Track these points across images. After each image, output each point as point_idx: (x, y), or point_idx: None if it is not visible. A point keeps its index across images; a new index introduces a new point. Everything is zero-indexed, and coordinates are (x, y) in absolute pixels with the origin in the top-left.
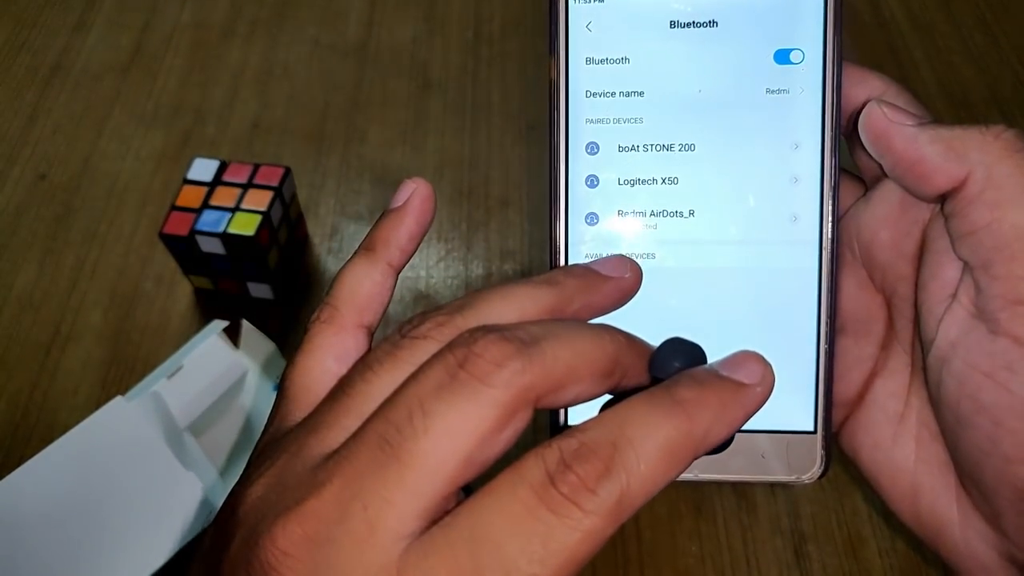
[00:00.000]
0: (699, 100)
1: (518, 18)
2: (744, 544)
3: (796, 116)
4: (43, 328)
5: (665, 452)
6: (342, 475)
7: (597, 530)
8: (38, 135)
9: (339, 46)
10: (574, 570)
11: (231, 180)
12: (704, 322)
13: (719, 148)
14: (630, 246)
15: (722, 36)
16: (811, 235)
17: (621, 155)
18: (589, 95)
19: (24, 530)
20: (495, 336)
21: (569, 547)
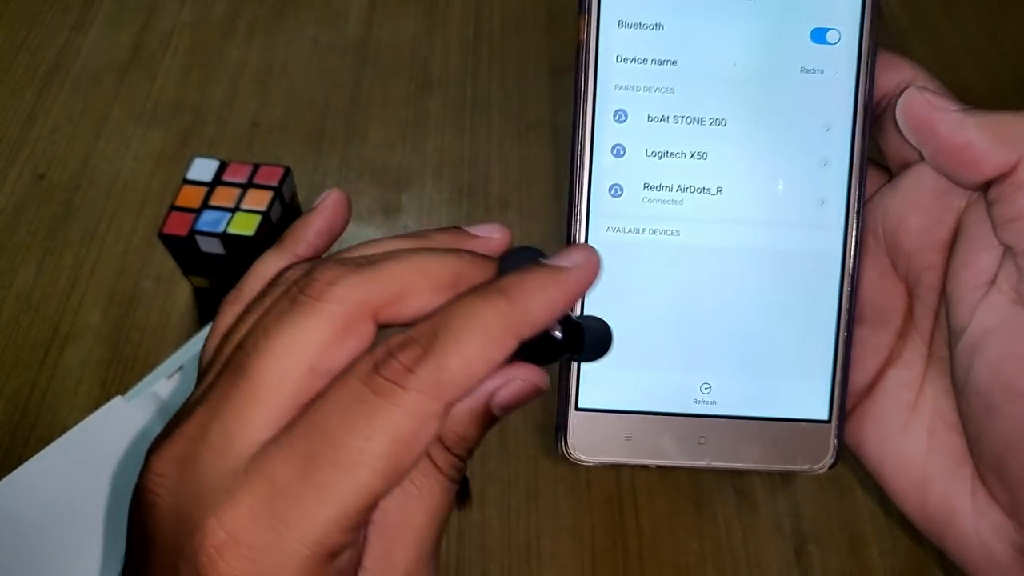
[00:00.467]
0: (733, 74)
1: (518, 17)
2: (745, 543)
3: (829, 97)
4: (42, 328)
5: (484, 332)
6: (205, 401)
7: (419, 405)
8: (37, 135)
9: (339, 45)
10: (406, 449)
11: (231, 180)
12: (723, 302)
13: (750, 125)
14: (653, 221)
15: (760, 10)
16: (837, 220)
17: (650, 125)
18: (620, 60)
19: (24, 530)
20: (331, 262)
21: (394, 423)
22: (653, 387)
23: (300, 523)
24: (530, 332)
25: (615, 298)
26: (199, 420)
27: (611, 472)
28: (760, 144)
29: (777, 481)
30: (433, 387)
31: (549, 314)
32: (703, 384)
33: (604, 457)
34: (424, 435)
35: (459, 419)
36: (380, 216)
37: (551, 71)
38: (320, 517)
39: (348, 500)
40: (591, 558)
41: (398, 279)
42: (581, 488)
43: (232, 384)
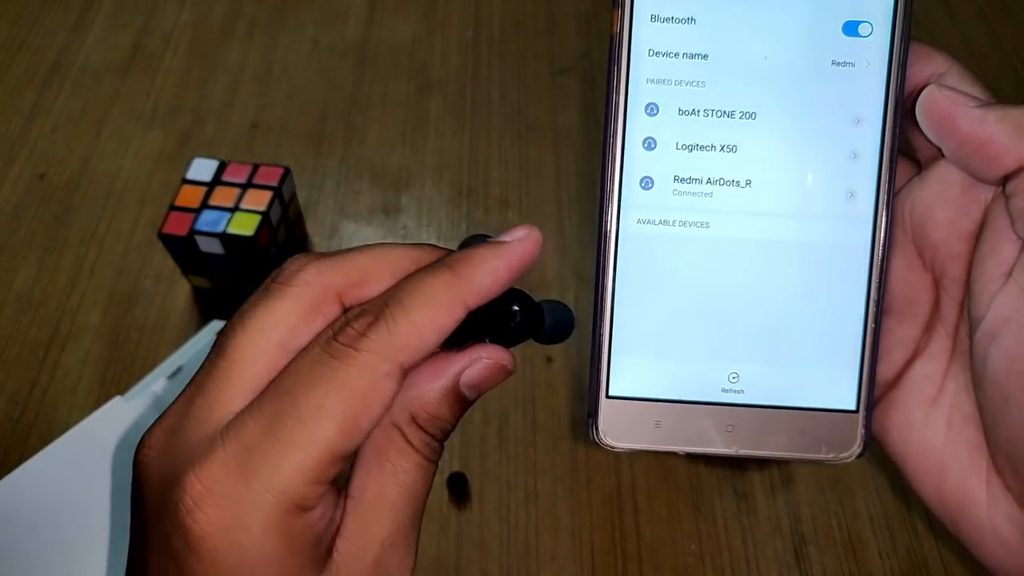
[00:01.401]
0: (764, 67)
1: (518, 18)
2: (744, 544)
3: (860, 90)
4: (42, 327)
5: (430, 299)
6: (193, 383)
7: (372, 364)
8: (37, 134)
9: (339, 46)
10: (361, 405)
11: (230, 180)
12: (752, 293)
13: (780, 118)
14: (683, 213)
15: (792, 3)
16: (866, 212)
17: (681, 118)
18: (652, 54)
19: (24, 529)
20: (302, 254)
21: (349, 381)
22: (682, 376)
23: (266, 474)
24: (476, 300)
25: (645, 288)
26: (186, 397)
27: (610, 473)
28: (790, 137)
29: (777, 482)
30: (384, 348)
31: (492, 283)
32: (731, 373)
33: (634, 444)
34: (378, 394)
35: (430, 399)
36: (380, 216)
37: (551, 72)
38: (284, 468)
39: (309, 452)
40: (590, 559)
41: (360, 265)
42: (580, 489)
43: (213, 363)
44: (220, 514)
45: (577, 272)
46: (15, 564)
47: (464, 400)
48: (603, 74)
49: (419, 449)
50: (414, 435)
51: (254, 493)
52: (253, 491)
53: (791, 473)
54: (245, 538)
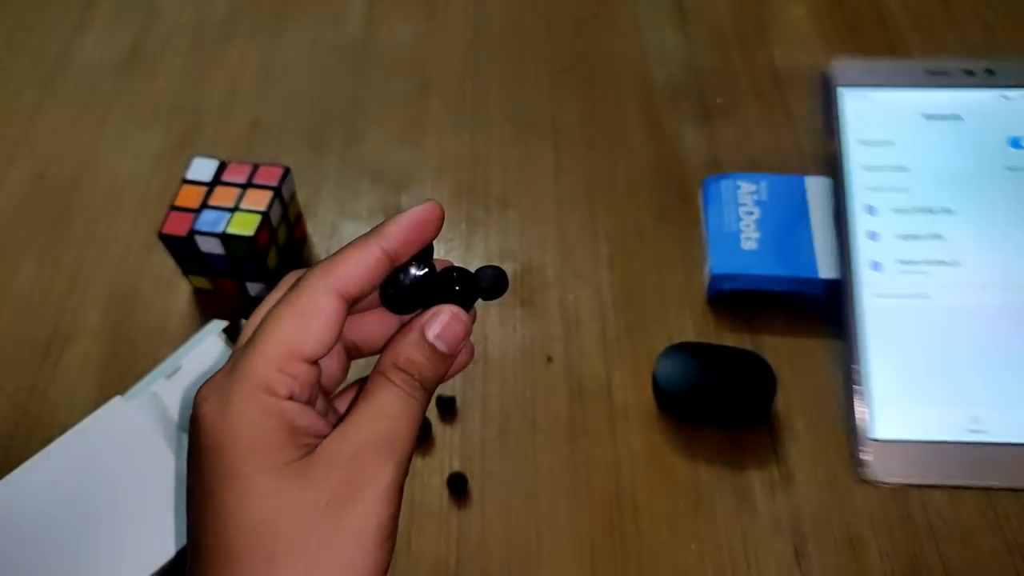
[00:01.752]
0: (952, 174)
1: (517, 18)
2: (744, 543)
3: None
4: (42, 327)
5: (355, 244)
6: (232, 356)
7: (311, 286)
8: (37, 135)
9: (338, 46)
10: (309, 311)
11: (230, 180)
12: (979, 348)
13: (973, 211)
14: (909, 288)
15: (966, 127)
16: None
17: (894, 215)
18: (865, 168)
19: (23, 530)
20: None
21: (299, 299)
22: (932, 420)
23: (242, 366)
24: (388, 245)
25: (889, 348)
26: (228, 367)
27: (610, 473)
28: (983, 225)
29: (776, 482)
30: (321, 275)
31: (396, 231)
32: (974, 416)
33: (898, 479)
34: (319, 305)
35: (404, 345)
36: (380, 216)
37: (550, 72)
38: (254, 359)
39: (271, 346)
40: (590, 558)
41: (342, 260)
42: (580, 489)
43: (244, 335)
44: (214, 399)
45: (577, 271)
46: (14, 564)
47: (435, 350)
48: (602, 74)
49: (399, 384)
50: (394, 374)
51: (235, 380)
52: (234, 378)
53: (791, 472)
54: (230, 411)
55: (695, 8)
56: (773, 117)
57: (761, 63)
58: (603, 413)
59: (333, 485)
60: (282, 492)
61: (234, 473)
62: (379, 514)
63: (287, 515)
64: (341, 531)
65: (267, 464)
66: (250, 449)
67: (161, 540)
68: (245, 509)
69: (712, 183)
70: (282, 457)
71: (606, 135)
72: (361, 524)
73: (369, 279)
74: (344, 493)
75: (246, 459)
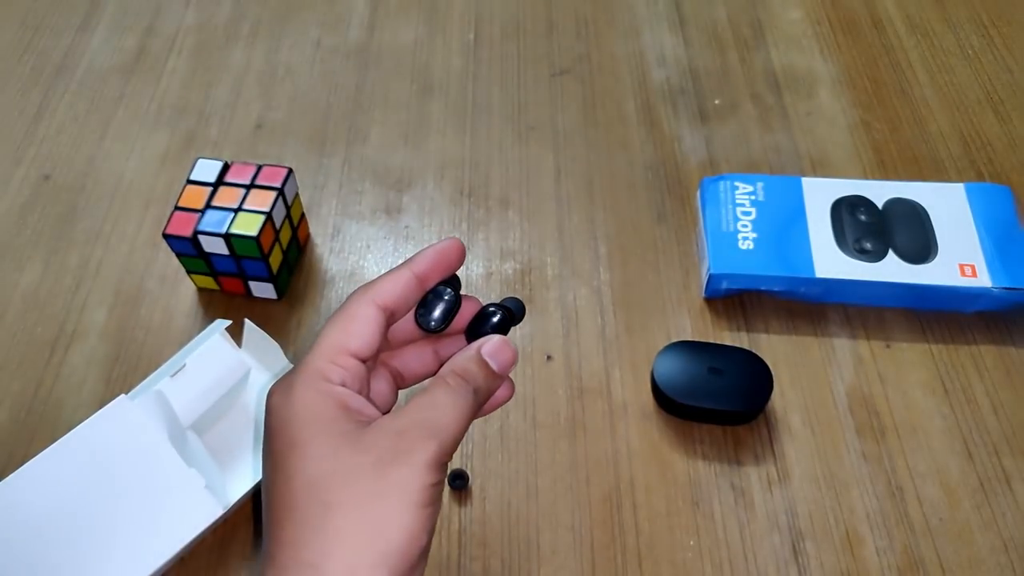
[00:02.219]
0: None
1: (518, 20)
2: (742, 540)
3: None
4: (48, 327)
5: (393, 271)
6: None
7: (356, 299)
8: (43, 135)
9: (341, 48)
10: (352, 318)
11: (234, 181)
12: None
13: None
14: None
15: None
16: None
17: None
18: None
19: (29, 526)
20: None
21: (345, 309)
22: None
23: (304, 362)
24: (418, 270)
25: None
26: (299, 365)
27: (610, 470)
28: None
29: (774, 478)
30: (364, 291)
31: (422, 260)
32: None
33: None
34: (360, 313)
35: (462, 358)
36: (382, 216)
37: (550, 74)
38: (312, 356)
39: (322, 345)
40: (590, 554)
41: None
42: (580, 486)
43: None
44: (281, 390)
45: (576, 271)
46: (20, 560)
47: (488, 366)
48: (602, 75)
49: (452, 385)
50: (450, 377)
51: (296, 373)
52: (296, 373)
53: (788, 469)
54: (293, 396)
55: (693, 10)
56: (770, 118)
57: (758, 65)
58: (602, 411)
59: (381, 450)
60: (336, 454)
61: (297, 441)
62: (421, 478)
63: (340, 473)
64: (386, 487)
65: (324, 432)
66: (309, 422)
67: (165, 538)
68: (305, 468)
69: (710, 184)
70: (337, 427)
71: (605, 136)
72: (404, 483)
73: (402, 294)
74: (390, 457)
75: (306, 429)
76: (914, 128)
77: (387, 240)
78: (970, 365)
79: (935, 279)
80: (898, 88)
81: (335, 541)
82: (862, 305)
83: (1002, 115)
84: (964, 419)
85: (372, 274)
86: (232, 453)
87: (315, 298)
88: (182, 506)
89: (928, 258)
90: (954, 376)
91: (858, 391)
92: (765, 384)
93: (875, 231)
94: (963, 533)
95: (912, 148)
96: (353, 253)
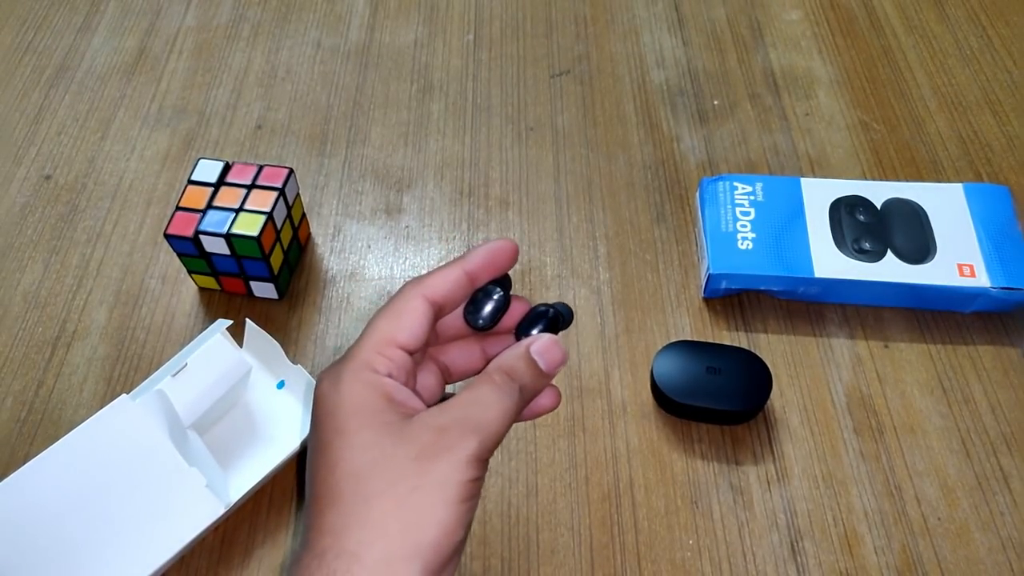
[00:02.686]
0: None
1: (517, 21)
2: (740, 539)
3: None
4: (49, 326)
5: (445, 266)
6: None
7: (407, 292)
8: (43, 136)
9: (341, 49)
10: (402, 311)
11: (235, 181)
12: None
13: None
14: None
15: None
16: None
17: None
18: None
19: (31, 526)
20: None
21: (395, 302)
22: None
23: (351, 352)
24: (469, 267)
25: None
26: (345, 356)
27: (609, 469)
28: None
29: (773, 477)
30: (414, 285)
31: (474, 258)
32: None
33: None
34: (410, 305)
35: (510, 356)
36: (383, 216)
37: (549, 74)
38: (360, 346)
39: (371, 337)
40: (589, 553)
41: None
42: (579, 485)
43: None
44: (329, 378)
45: (576, 271)
46: (22, 559)
47: (535, 365)
48: (601, 76)
49: (497, 382)
50: (496, 374)
51: (345, 362)
52: (345, 362)
53: (786, 468)
54: (341, 384)
55: (692, 11)
56: (769, 119)
57: (757, 66)
58: (602, 410)
59: (423, 444)
60: (380, 445)
61: (343, 429)
62: (461, 473)
63: (382, 464)
64: (426, 481)
65: (369, 422)
66: (355, 411)
67: (166, 537)
68: (350, 457)
69: (709, 184)
70: (381, 418)
71: (605, 137)
72: (444, 478)
73: (451, 289)
74: (432, 451)
75: (352, 418)
76: (912, 128)
77: (387, 240)
78: (968, 365)
79: (934, 279)
80: (896, 89)
81: (374, 531)
82: (861, 305)
83: (1000, 115)
84: (962, 418)
85: (373, 274)
86: (233, 452)
87: (316, 298)
88: (183, 505)
89: (927, 258)
90: (952, 376)
91: (857, 391)
92: (764, 384)
93: (874, 231)
94: (961, 532)
95: (911, 148)
96: (354, 253)
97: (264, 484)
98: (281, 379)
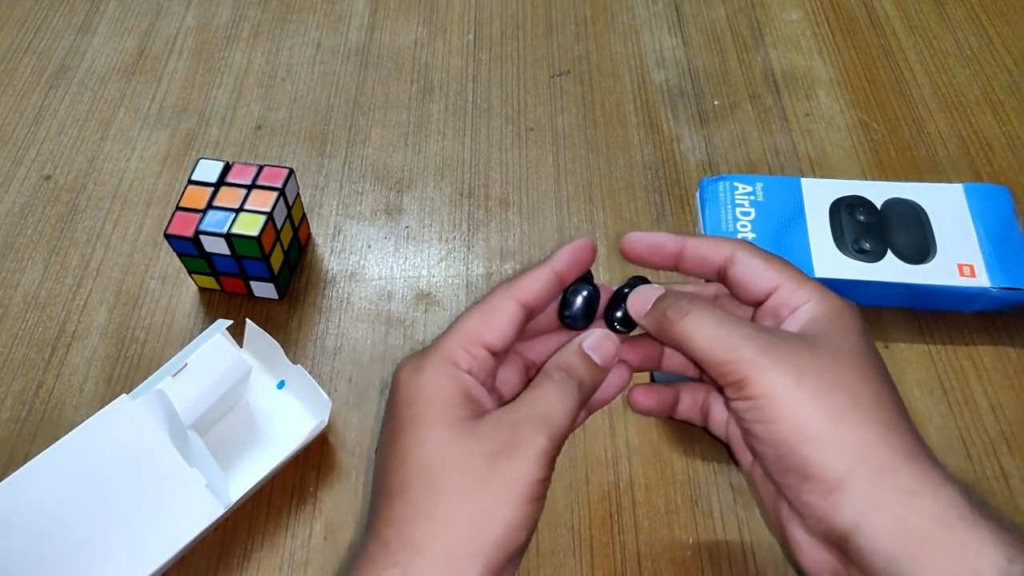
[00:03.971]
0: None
1: (517, 21)
2: (741, 537)
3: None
4: (49, 327)
5: (534, 268)
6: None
7: (498, 294)
8: (43, 136)
9: (341, 49)
10: (492, 309)
11: (235, 181)
12: None
13: None
14: None
15: None
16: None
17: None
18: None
19: (30, 526)
20: None
21: (486, 302)
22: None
23: (435, 346)
24: (558, 267)
25: None
26: (427, 349)
27: (609, 469)
28: None
29: None
30: (507, 286)
31: (561, 258)
32: None
33: None
34: (500, 306)
35: (566, 353)
36: (383, 217)
37: (550, 75)
38: (445, 340)
39: (458, 332)
40: (589, 553)
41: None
42: (579, 484)
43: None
44: (410, 366)
45: None
46: (22, 559)
47: (589, 359)
48: (601, 76)
49: (557, 380)
50: (554, 371)
51: (428, 354)
52: (428, 353)
53: None
54: (422, 374)
55: (692, 11)
56: (769, 119)
57: (757, 66)
58: (602, 410)
59: (494, 442)
60: (453, 440)
61: (419, 419)
62: (531, 473)
63: (454, 459)
64: (496, 479)
65: (445, 415)
66: (432, 402)
67: (166, 538)
68: (423, 449)
69: (709, 184)
70: (456, 413)
71: (605, 137)
72: (514, 477)
73: (542, 291)
74: (503, 450)
75: (429, 409)
76: (913, 128)
77: (388, 240)
78: (968, 365)
79: (934, 279)
80: (897, 89)
81: (440, 526)
82: (860, 305)
83: (1000, 115)
84: (962, 419)
85: (373, 274)
86: (233, 452)
87: (316, 298)
88: (183, 505)
89: (927, 258)
90: (952, 376)
91: None
92: None
93: (874, 231)
94: None
95: (911, 148)
96: (354, 253)
97: (264, 484)
98: (281, 379)
